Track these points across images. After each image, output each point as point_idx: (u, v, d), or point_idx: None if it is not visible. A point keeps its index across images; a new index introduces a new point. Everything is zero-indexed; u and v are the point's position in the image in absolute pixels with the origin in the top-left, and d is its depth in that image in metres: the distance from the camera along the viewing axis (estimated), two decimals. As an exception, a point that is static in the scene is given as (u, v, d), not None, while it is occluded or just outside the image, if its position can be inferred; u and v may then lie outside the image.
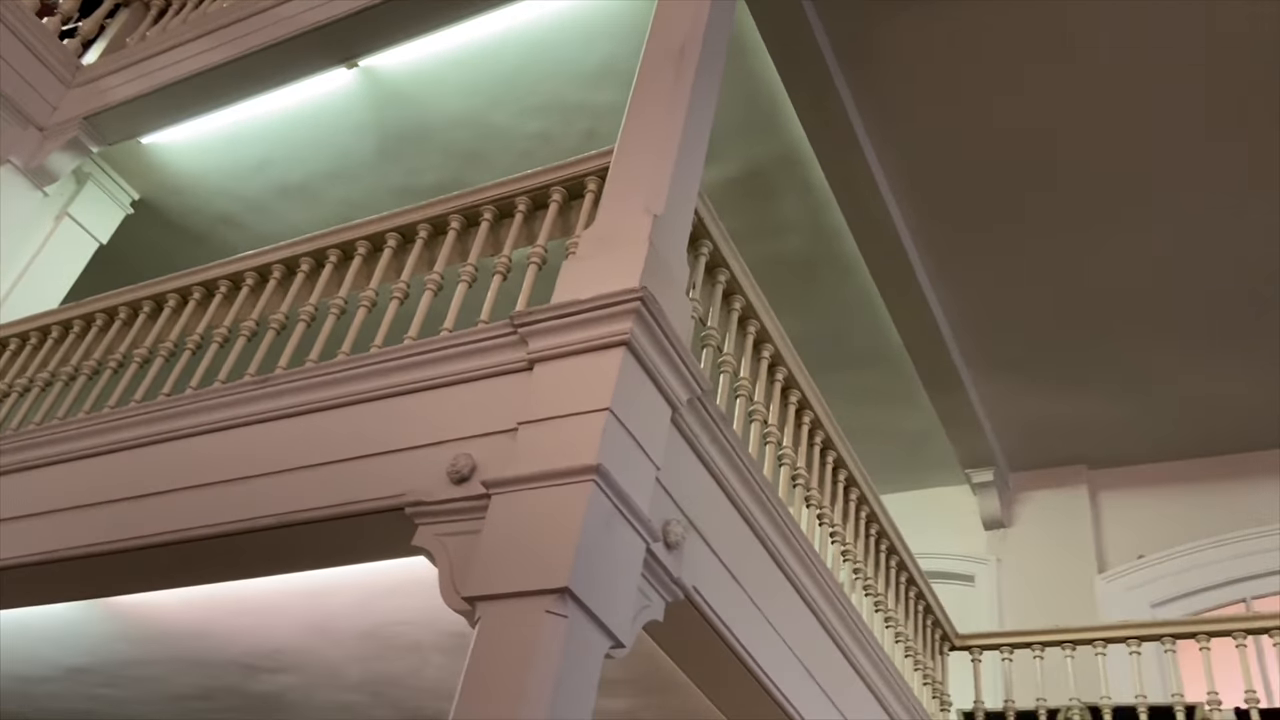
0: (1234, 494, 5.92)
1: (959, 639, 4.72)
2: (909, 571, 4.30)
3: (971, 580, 6.28)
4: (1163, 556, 5.86)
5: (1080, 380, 5.96)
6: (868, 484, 3.98)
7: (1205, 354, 5.59)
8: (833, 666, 3.13)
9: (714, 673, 2.69)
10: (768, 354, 3.37)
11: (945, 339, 5.72)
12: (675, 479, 2.44)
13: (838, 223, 5.31)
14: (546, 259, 2.88)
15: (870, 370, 6.16)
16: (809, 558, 3.03)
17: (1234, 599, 5.54)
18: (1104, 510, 6.28)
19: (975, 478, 6.42)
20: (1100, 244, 5.19)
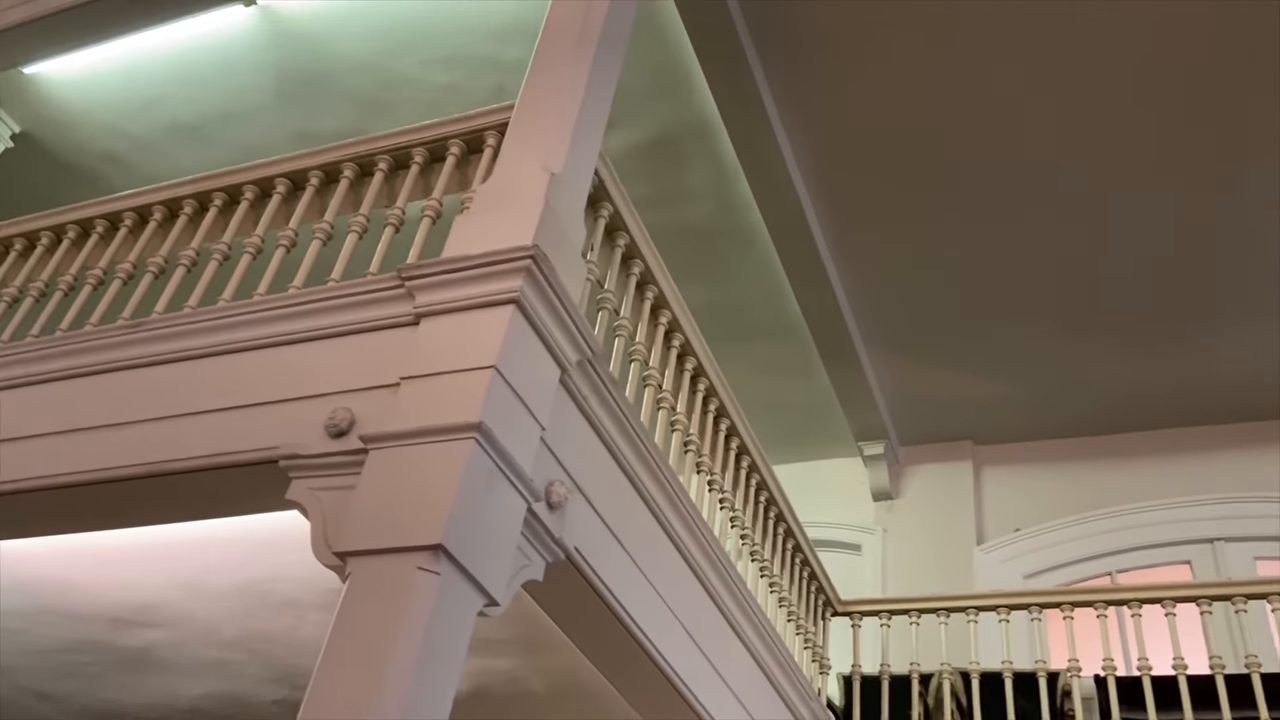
0: (1107, 473, 6.21)
1: (841, 605, 4.85)
2: (796, 539, 4.39)
3: (859, 549, 6.46)
4: (1038, 530, 6.12)
5: (971, 360, 6.15)
6: (759, 452, 4.04)
7: (1088, 338, 5.82)
8: (714, 629, 3.18)
9: (594, 634, 2.71)
10: (665, 320, 3.38)
11: (844, 315, 5.83)
12: (561, 440, 2.44)
13: (744, 195, 5.34)
14: (441, 213, 2.83)
15: (771, 342, 6.26)
16: (695, 523, 3.07)
17: (1100, 572, 5.83)
18: (986, 485, 6.52)
19: (867, 450, 6.58)
20: (996, 230, 5.34)
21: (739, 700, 3.23)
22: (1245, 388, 5.84)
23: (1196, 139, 4.72)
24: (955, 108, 4.77)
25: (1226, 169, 4.83)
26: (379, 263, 2.69)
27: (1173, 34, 4.32)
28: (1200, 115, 4.61)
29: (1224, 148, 4.74)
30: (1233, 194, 4.92)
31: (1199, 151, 4.77)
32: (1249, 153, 4.74)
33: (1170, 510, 5.86)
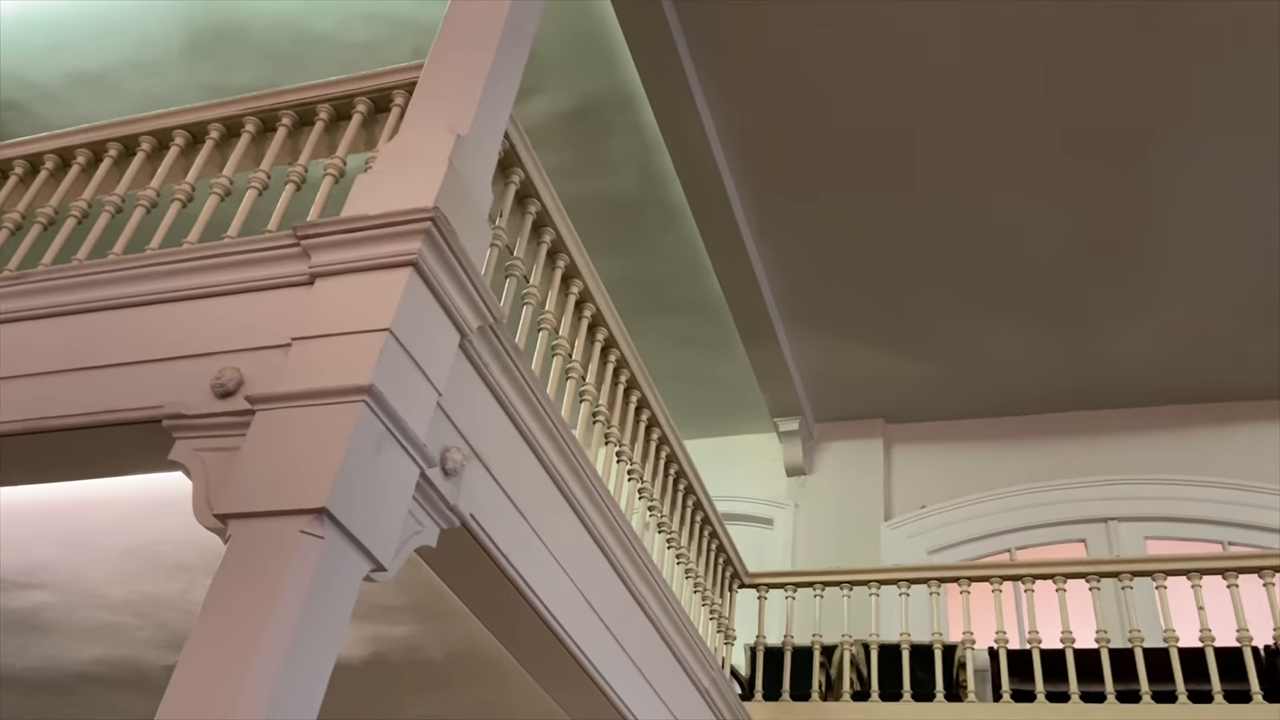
0: (1010, 453, 6.40)
1: (748, 577, 4.92)
2: (705, 512, 4.44)
3: (771, 523, 6.56)
4: (942, 508, 6.29)
5: (886, 340, 6.26)
6: (670, 425, 4.06)
7: (997, 322, 5.98)
8: (615, 599, 3.20)
9: (491, 602, 2.70)
10: (577, 289, 3.36)
11: (763, 292, 5.88)
12: (460, 406, 2.41)
13: (666, 168, 5.34)
14: (345, 172, 2.76)
15: (691, 317, 6.29)
16: (599, 493, 3.07)
17: (1001, 549, 6.02)
18: (896, 462, 6.67)
19: (782, 426, 6.68)
20: (913, 212, 5.43)
21: (639, 669, 3.26)
22: (1142, 374, 6.06)
23: (1108, 129, 4.85)
24: (878, 88, 4.83)
25: (1136, 162, 4.97)
26: (278, 221, 2.62)
27: (1084, 19, 4.42)
28: (1109, 105, 4.74)
29: (1134, 140, 4.88)
30: (1141, 188, 5.08)
31: (1109, 143, 4.91)
32: (1158, 147, 4.89)
33: (1068, 490, 6.07)
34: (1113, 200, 5.15)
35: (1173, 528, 5.76)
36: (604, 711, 3.11)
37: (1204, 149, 4.85)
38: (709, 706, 3.86)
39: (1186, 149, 4.87)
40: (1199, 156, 4.89)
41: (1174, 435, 6.10)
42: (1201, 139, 4.82)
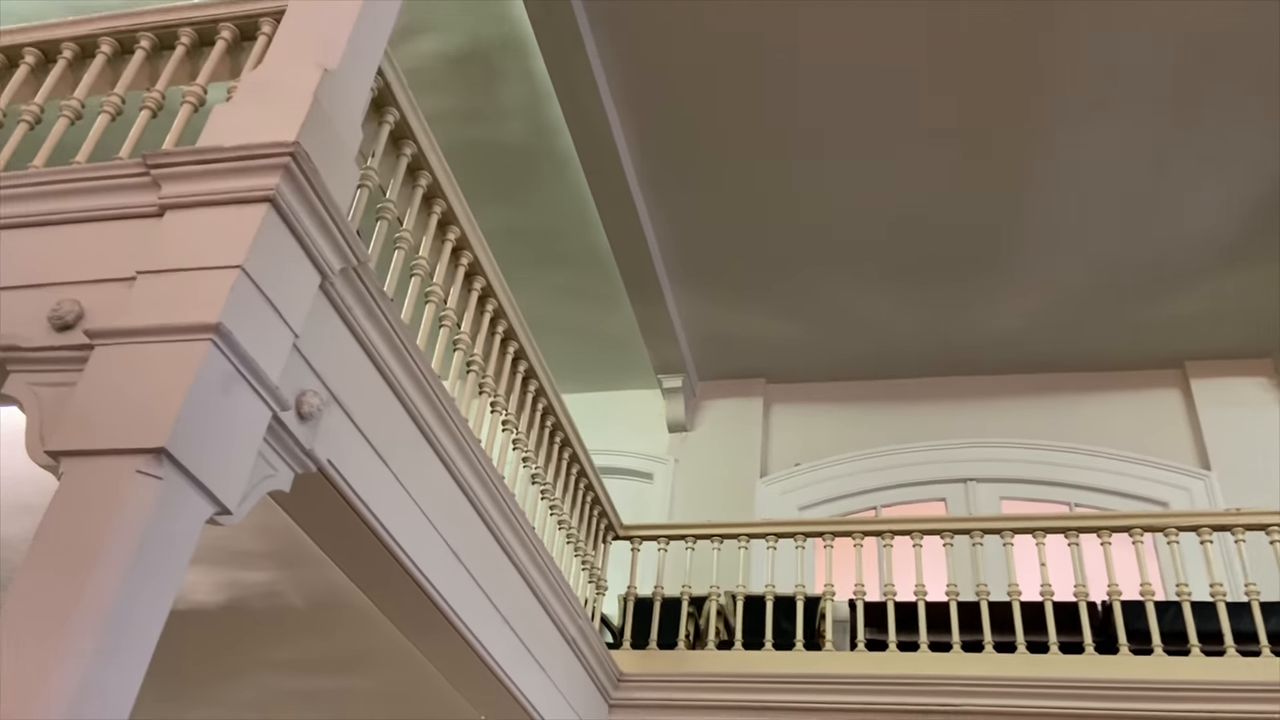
0: (881, 414, 6.63)
1: (622, 529, 4.99)
2: (581, 465, 4.47)
3: (651, 478, 6.66)
4: (816, 466, 6.48)
5: (769, 302, 6.37)
6: (548, 378, 4.06)
7: (875, 289, 6.14)
8: (481, 548, 3.20)
9: (350, 549, 2.67)
10: (453, 236, 3.31)
11: (651, 248, 5.90)
12: (319, 349, 2.36)
13: (557, 118, 5.28)
14: (205, 101, 2.64)
15: (578, 270, 6.27)
16: (467, 443, 3.06)
17: (867, 506, 6.25)
18: (774, 421, 6.83)
19: (666, 383, 6.76)
20: (797, 179, 5.51)
21: (503, 617, 3.29)
22: (1004, 344, 6.34)
23: (979, 109, 4.99)
24: (771, 54, 4.86)
25: (1004, 143, 5.15)
26: (130, 149, 2.49)
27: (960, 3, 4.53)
28: (981, 87, 4.88)
29: (1003, 122, 5.04)
30: (1007, 168, 5.27)
31: (981, 123, 5.06)
32: (1024, 131, 5.06)
33: (932, 451, 6.33)
34: (981, 178, 5.33)
35: (1026, 489, 6.08)
36: (466, 658, 3.13)
37: (1064, 136, 5.06)
38: (574, 654, 3.92)
39: (1049, 135, 5.07)
40: (1060, 143, 5.10)
41: (1031, 402, 6.42)
42: (1063, 127, 5.02)
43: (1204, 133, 4.96)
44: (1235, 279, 5.68)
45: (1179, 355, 6.25)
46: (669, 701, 4.34)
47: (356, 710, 3.96)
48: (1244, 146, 4.98)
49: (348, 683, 3.77)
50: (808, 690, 4.26)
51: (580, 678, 3.99)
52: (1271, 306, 5.79)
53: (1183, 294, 5.83)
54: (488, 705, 3.42)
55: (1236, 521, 4.33)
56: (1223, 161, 5.06)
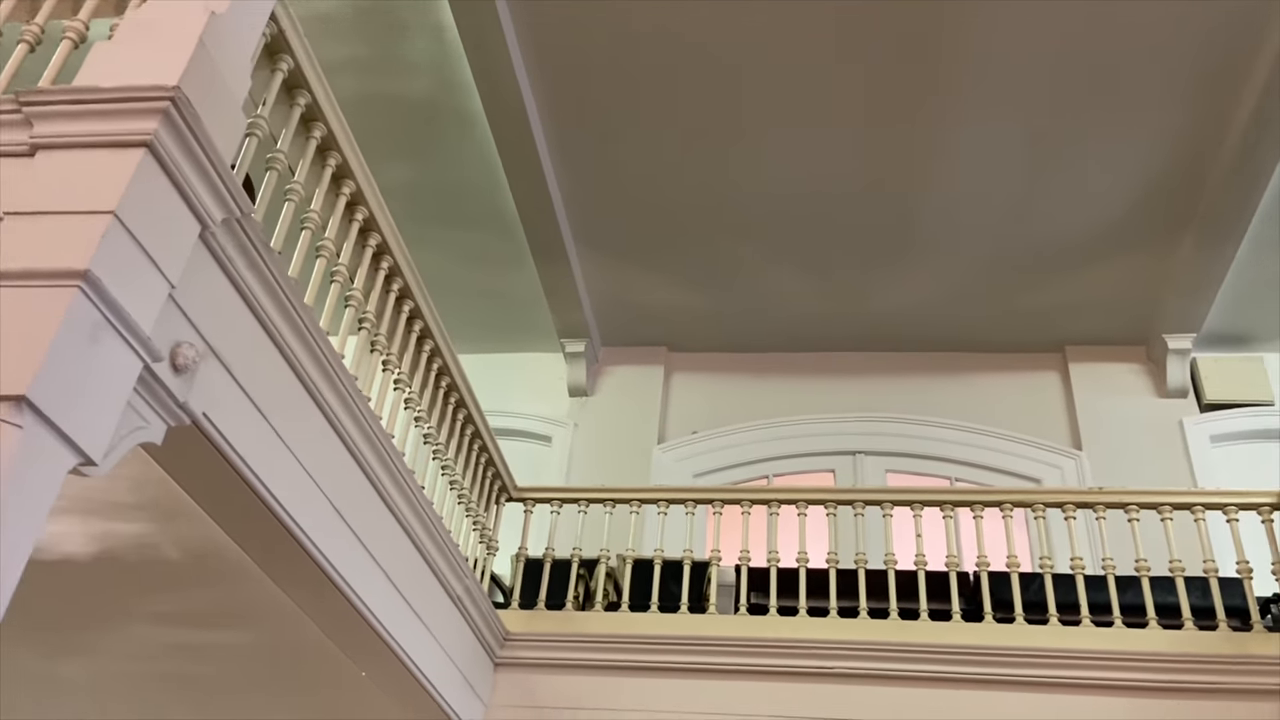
0: (780, 386, 6.78)
1: (516, 491, 5.02)
2: (476, 426, 4.47)
3: (549, 441, 6.69)
4: (712, 434, 6.60)
5: (675, 271, 6.43)
6: (444, 338, 4.04)
7: (777, 262, 6.25)
8: (365, 506, 3.20)
9: (227, 504, 2.65)
10: (348, 190, 3.25)
11: (557, 212, 5.89)
12: (197, 301, 2.32)
13: (466, 76, 5.21)
14: (87, 39, 2.54)
15: (483, 231, 6.23)
16: (354, 400, 3.04)
17: (759, 475, 6.41)
18: (674, 389, 6.93)
19: (568, 348, 6.78)
20: (706, 150, 5.55)
21: (386, 575, 3.29)
22: (900, 322, 6.54)
23: (889, 90, 5.10)
24: (685, 26, 4.87)
25: (912, 125, 5.28)
26: (4, 85, 2.39)
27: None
28: (891, 68, 4.99)
29: (912, 105, 5.17)
30: (915, 149, 5.40)
31: (890, 103, 5.18)
32: (931, 114, 5.20)
33: (824, 424, 6.52)
34: (889, 158, 5.46)
35: (910, 463, 6.32)
36: (346, 614, 3.13)
37: (959, 127, 5.22)
38: (460, 612, 3.95)
39: (945, 124, 5.23)
40: (955, 133, 5.26)
41: (921, 379, 6.64)
42: (958, 118, 5.18)
43: (1087, 129, 5.17)
44: (1113, 270, 5.95)
45: (1060, 341, 6.54)
46: (554, 661, 4.41)
47: (237, 665, 3.93)
48: (1124, 143, 5.21)
49: (227, 637, 3.73)
50: (690, 652, 4.38)
51: (465, 636, 4.03)
52: (1145, 297, 6.10)
53: (1065, 282, 6.09)
54: (369, 662, 3.43)
55: (1098, 499, 4.58)
56: (1104, 157, 5.29)
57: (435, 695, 3.65)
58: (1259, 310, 6.10)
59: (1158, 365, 6.36)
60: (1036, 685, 4.14)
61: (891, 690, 4.22)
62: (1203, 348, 6.32)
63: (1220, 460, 5.97)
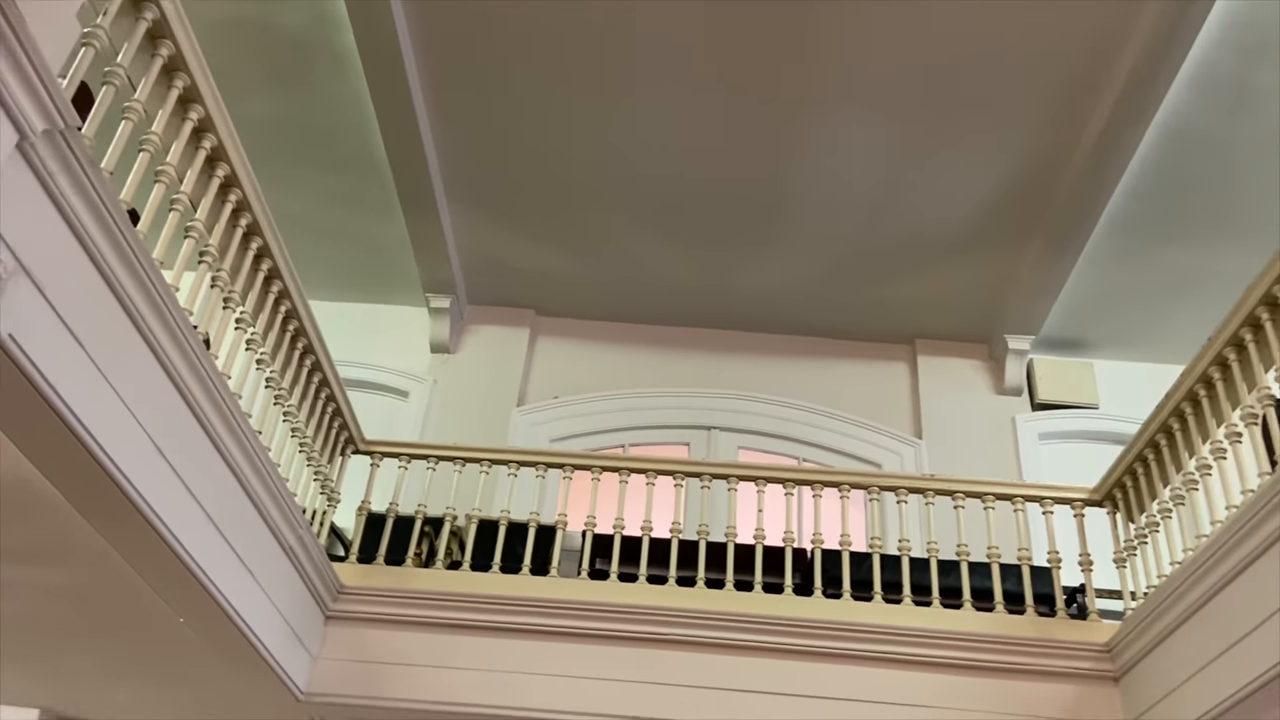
0: (643, 357, 6.84)
1: (364, 444, 4.92)
2: (324, 374, 4.35)
3: (406, 396, 6.57)
4: (573, 400, 6.62)
5: (548, 234, 6.38)
6: (295, 280, 3.90)
7: (649, 234, 6.28)
8: (192, 448, 3.07)
9: (33, 433, 2.49)
10: (196, 115, 3.10)
11: (430, 161, 5.75)
12: (10, 215, 2.16)
13: (341, 12, 5.01)
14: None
15: (351, 175, 6.04)
16: (184, 335, 2.91)
17: (617, 443, 6.46)
18: (538, 353, 6.90)
19: (433, 302, 6.66)
20: (586, 115, 5.51)
21: (210, 519, 3.17)
22: (762, 303, 6.68)
23: (763, 75, 5.16)
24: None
25: (784, 112, 5.36)
26: None
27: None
28: (765, 54, 5.04)
29: (784, 92, 5.25)
30: (786, 135, 5.49)
31: (764, 88, 5.24)
32: (803, 102, 5.29)
33: (684, 398, 6.62)
34: (761, 141, 5.54)
35: (762, 441, 6.48)
36: (162, 556, 3.01)
37: (831, 117, 5.34)
38: (291, 563, 3.85)
39: (819, 114, 5.33)
40: (826, 123, 5.38)
41: (779, 360, 6.81)
42: (831, 108, 5.29)
43: (949, 132, 5.36)
44: (964, 269, 6.22)
45: (910, 333, 6.81)
46: (389, 616, 4.36)
47: (50, 605, 3.73)
48: (982, 148, 5.43)
49: (38, 575, 3.54)
50: (529, 613, 4.39)
51: (295, 587, 3.93)
52: (991, 298, 6.40)
53: (919, 277, 6.33)
54: (187, 608, 3.31)
55: (929, 486, 4.80)
56: (963, 159, 5.50)
57: (257, 644, 3.55)
58: (1092, 319, 6.49)
59: (998, 363, 6.69)
60: (858, 659, 4.32)
61: (722, 658, 4.33)
62: (1039, 350, 6.69)
63: (1046, 456, 6.34)
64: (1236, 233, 5.68)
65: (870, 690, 4.26)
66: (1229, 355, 3.69)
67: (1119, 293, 6.27)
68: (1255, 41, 4.77)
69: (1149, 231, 5.84)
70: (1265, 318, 3.48)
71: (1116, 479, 4.59)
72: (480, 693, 4.22)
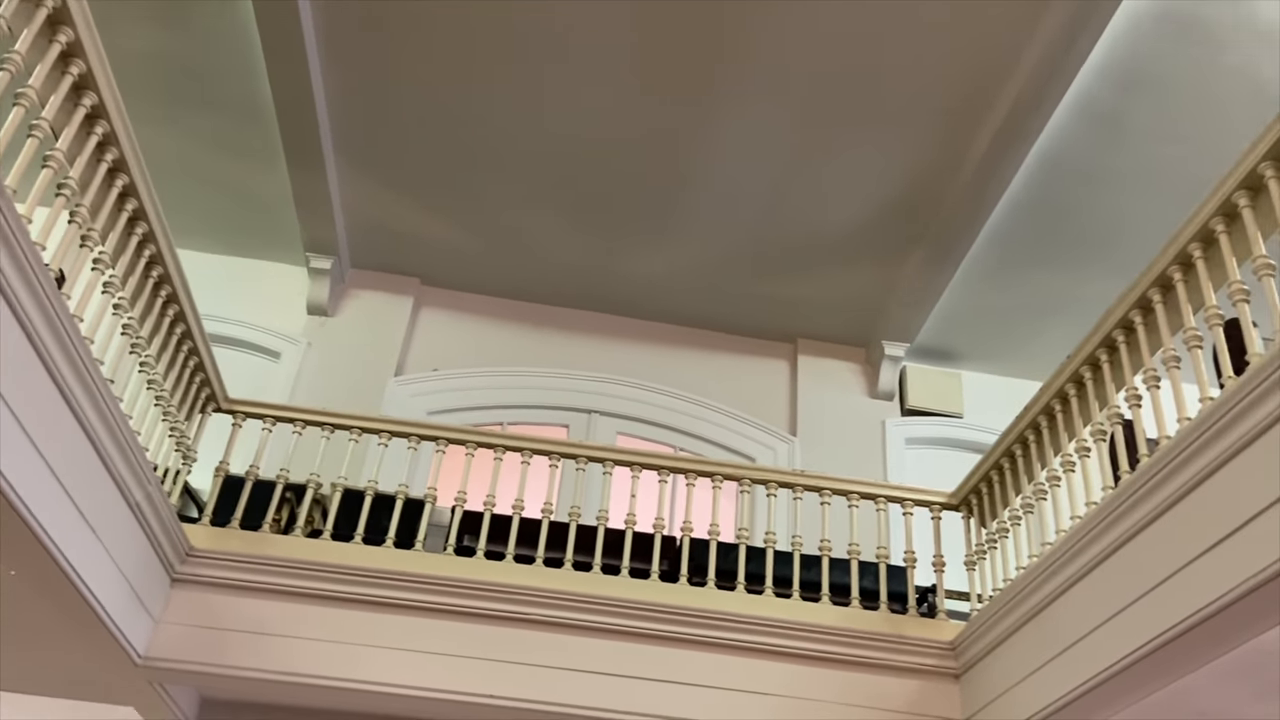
0: (528, 336, 6.77)
1: (227, 402, 4.72)
2: (188, 326, 4.15)
3: (278, 356, 6.34)
4: (454, 374, 6.50)
5: (441, 202, 6.23)
6: (162, 225, 3.70)
7: (544, 214, 6.20)
8: (35, 393, 2.85)
9: None
10: (64, 39, 2.90)
11: (319, 113, 5.54)
12: None
13: (234, -56, 4.78)
14: None
15: (236, 120, 5.77)
16: (32, 268, 2.71)
17: (496, 420, 6.38)
18: (421, 323, 6.75)
19: (314, 262, 6.44)
20: (491, 86, 5.39)
21: (50, 468, 2.97)
22: (652, 291, 6.69)
23: (673, 65, 5.15)
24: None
25: (688, 104, 5.37)
26: None
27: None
28: (676, 44, 5.03)
29: (690, 84, 5.25)
30: (687, 127, 5.49)
31: (672, 77, 5.23)
32: (708, 96, 5.30)
33: (567, 379, 6.59)
34: (662, 128, 5.53)
35: (641, 428, 6.50)
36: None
37: (735, 111, 5.37)
38: (137, 520, 3.66)
39: (729, 107, 5.36)
40: (730, 116, 5.40)
41: (665, 349, 6.85)
42: (741, 103, 5.33)
43: (845, 137, 5.46)
44: (849, 273, 6.37)
45: (793, 332, 6.93)
46: (240, 582, 4.19)
47: None
48: (875, 156, 5.55)
49: None
50: (390, 586, 4.29)
51: (140, 546, 3.74)
52: (872, 303, 6.57)
53: (805, 278, 6.45)
54: (17, 560, 3.11)
55: (798, 481, 4.90)
56: (856, 166, 5.62)
57: (93, 602, 3.36)
58: (963, 331, 6.73)
59: (873, 368, 6.88)
60: (717, 646, 4.38)
61: (585, 640, 4.32)
62: (913, 358, 6.91)
63: (911, 461, 6.56)
64: (1101, 260, 5.97)
65: (726, 678, 4.33)
66: (1085, 374, 3.88)
67: (990, 308, 6.52)
68: (1135, 79, 5.02)
69: (1022, 252, 6.09)
70: (1121, 340, 3.67)
71: (973, 485, 4.78)
72: (333, 665, 4.10)
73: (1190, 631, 2.88)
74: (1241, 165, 3.02)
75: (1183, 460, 2.98)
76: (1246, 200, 3.05)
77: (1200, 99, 5.07)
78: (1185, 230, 3.29)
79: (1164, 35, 4.81)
